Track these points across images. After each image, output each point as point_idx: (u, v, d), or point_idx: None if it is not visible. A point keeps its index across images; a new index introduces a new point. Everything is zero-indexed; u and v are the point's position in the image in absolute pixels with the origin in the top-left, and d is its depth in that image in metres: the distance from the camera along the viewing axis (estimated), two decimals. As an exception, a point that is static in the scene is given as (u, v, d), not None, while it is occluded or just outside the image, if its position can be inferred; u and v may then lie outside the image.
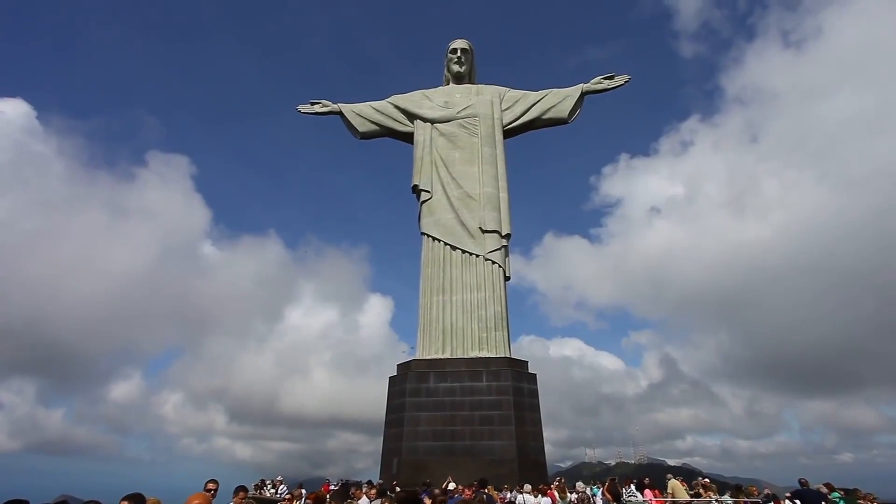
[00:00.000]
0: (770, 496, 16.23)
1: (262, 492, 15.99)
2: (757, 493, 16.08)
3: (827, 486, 13.91)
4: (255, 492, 13.93)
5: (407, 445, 19.28)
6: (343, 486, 7.04)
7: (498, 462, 17.93)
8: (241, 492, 7.68)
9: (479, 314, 21.82)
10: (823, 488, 13.67)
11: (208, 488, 7.45)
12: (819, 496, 12.92)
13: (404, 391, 20.43)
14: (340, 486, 7.67)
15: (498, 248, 22.88)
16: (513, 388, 19.81)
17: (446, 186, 24.12)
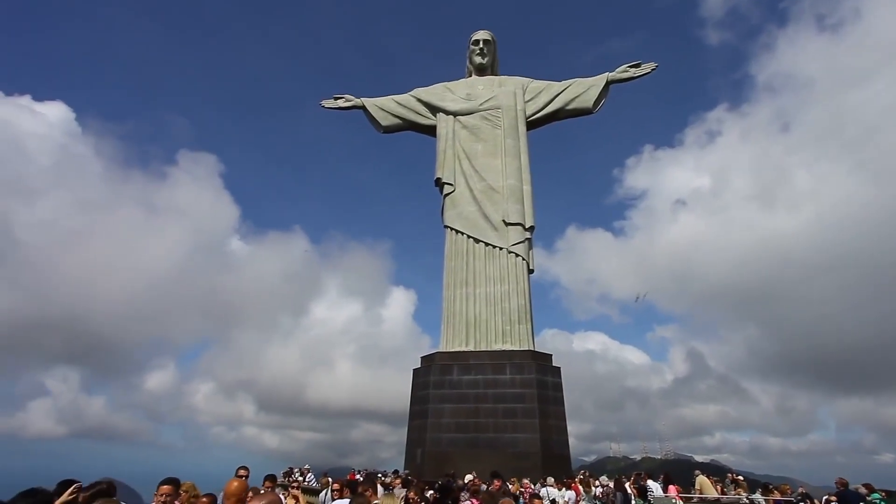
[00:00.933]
0: (804, 495, 15.75)
1: (290, 479, 16.33)
2: (791, 491, 15.62)
3: (867, 487, 13.40)
4: (284, 479, 14.26)
5: (431, 437, 19.40)
6: (368, 475, 7.13)
7: (522, 455, 17.88)
8: (267, 481, 7.81)
9: (503, 307, 21.72)
10: (862, 489, 13.18)
11: (240, 474, 7.66)
12: (858, 497, 12.47)
13: (428, 383, 20.53)
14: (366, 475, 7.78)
15: (521, 241, 22.71)
16: (537, 381, 19.69)
17: (469, 179, 24.01)
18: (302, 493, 7.55)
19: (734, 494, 15.38)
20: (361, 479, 7.59)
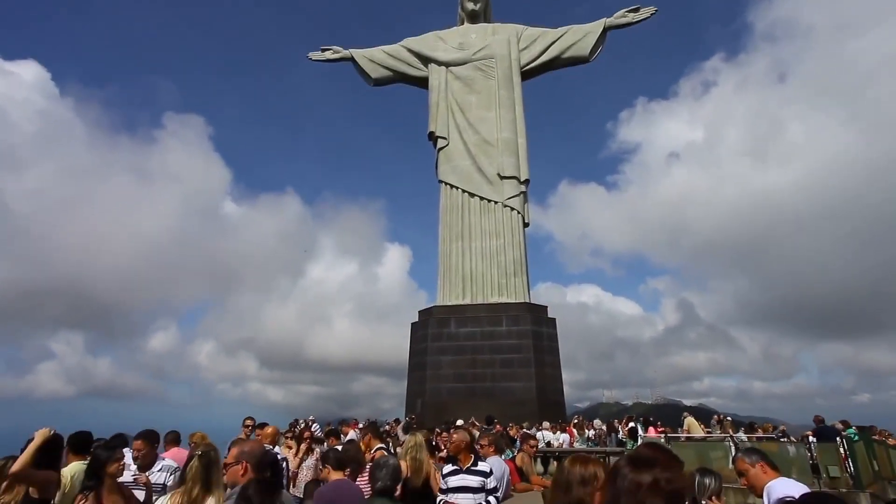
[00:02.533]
0: (784, 433, 16.56)
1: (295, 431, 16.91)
2: (772, 429, 16.42)
3: (843, 424, 14.10)
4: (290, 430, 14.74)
5: (430, 387, 20.01)
6: (371, 422, 7.46)
7: (518, 402, 18.53)
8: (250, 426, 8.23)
9: (499, 260, 21.89)
10: (839, 425, 13.87)
11: (246, 424, 7.95)
12: (834, 432, 13.14)
13: (426, 336, 20.96)
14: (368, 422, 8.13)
15: (516, 195, 22.62)
16: (532, 332, 20.15)
17: (463, 132, 23.62)
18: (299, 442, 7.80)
19: (720, 433, 16.17)
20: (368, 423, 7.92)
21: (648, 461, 1.50)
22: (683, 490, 1.46)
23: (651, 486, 1.41)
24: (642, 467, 1.47)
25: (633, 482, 1.45)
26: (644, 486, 1.42)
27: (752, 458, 3.94)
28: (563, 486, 2.07)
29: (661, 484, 1.41)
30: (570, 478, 2.05)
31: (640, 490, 1.42)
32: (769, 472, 3.73)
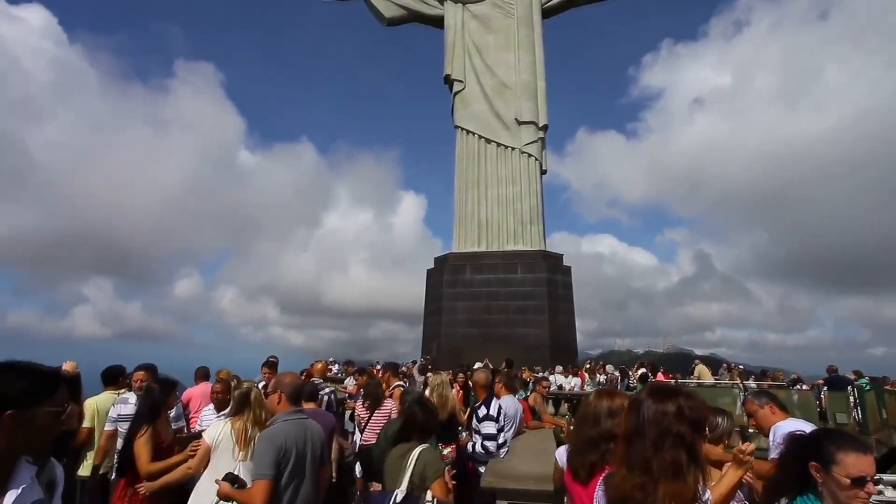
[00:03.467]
0: (795, 380, 16.73)
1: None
2: (783, 377, 16.61)
3: (855, 374, 14.17)
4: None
5: (445, 332, 20.49)
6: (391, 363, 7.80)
7: (531, 348, 18.91)
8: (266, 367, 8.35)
9: (515, 208, 21.71)
10: (852, 375, 13.95)
11: (270, 361, 8.31)
12: (846, 381, 13.24)
13: (442, 283, 21.24)
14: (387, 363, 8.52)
15: (534, 141, 22.07)
16: (547, 280, 20.27)
17: (480, 75, 22.81)
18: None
19: (729, 380, 16.41)
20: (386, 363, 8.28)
21: (671, 391, 1.56)
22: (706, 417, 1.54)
23: (676, 414, 1.46)
24: (666, 397, 1.53)
25: (658, 411, 1.50)
26: (669, 414, 1.47)
27: (762, 399, 4.00)
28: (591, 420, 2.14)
29: (686, 411, 1.46)
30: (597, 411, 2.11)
31: (666, 417, 1.47)
32: (778, 413, 3.79)
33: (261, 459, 2.69)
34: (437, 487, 2.73)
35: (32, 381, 1.39)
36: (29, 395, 1.38)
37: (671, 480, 1.39)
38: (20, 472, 1.41)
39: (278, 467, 2.68)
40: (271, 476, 2.63)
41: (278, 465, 2.68)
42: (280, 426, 2.84)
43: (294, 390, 3.01)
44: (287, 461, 2.75)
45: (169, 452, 4.00)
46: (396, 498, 2.65)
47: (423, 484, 2.72)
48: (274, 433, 2.76)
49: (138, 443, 3.80)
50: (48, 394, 1.40)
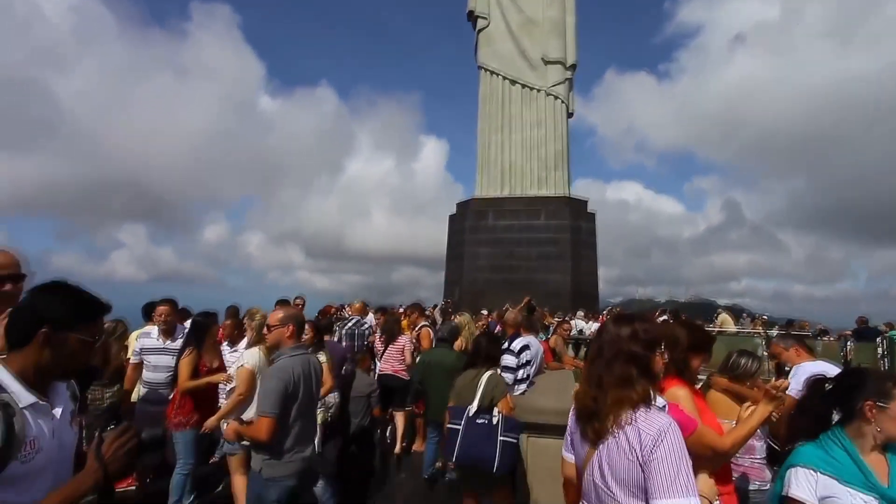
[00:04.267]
0: (822, 331, 16.48)
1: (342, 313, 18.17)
2: (809, 328, 16.36)
3: (887, 325, 13.84)
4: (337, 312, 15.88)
5: (467, 278, 20.65)
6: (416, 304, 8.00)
7: (553, 294, 18.93)
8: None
9: (539, 153, 21.15)
10: (883, 327, 13.65)
11: (296, 303, 8.54)
12: (875, 332, 12.99)
13: (464, 228, 21.19)
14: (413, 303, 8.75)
15: (561, 81, 21.13)
16: (570, 226, 20.01)
17: (505, 11, 21.63)
18: None
19: (752, 330, 16.28)
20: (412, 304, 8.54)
21: (628, 317, 1.75)
22: (659, 337, 1.69)
23: (631, 335, 1.65)
24: (624, 322, 1.71)
25: (615, 333, 1.69)
26: (624, 336, 1.65)
27: (787, 341, 3.94)
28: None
29: (640, 333, 1.65)
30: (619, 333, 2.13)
31: (621, 339, 1.66)
32: (804, 355, 3.74)
33: (267, 397, 2.67)
34: (503, 404, 3.34)
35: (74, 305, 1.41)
36: (66, 318, 1.39)
37: (618, 389, 1.58)
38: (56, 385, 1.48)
39: (285, 405, 2.69)
40: (276, 415, 2.65)
41: (285, 402, 2.69)
42: (288, 361, 2.81)
43: (302, 324, 3.04)
44: (295, 398, 2.77)
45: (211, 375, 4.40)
46: (470, 412, 3.26)
47: (492, 402, 3.30)
48: (283, 369, 2.75)
49: (182, 362, 4.25)
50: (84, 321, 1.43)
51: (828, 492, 1.80)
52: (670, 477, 1.40)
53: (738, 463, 3.17)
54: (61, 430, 1.44)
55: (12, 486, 1.29)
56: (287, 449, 2.73)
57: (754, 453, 3.24)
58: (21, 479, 1.31)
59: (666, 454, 1.43)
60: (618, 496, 1.50)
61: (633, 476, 1.46)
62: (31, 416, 1.35)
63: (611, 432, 1.55)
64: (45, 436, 1.37)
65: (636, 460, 1.46)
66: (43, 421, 1.38)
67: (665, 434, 1.46)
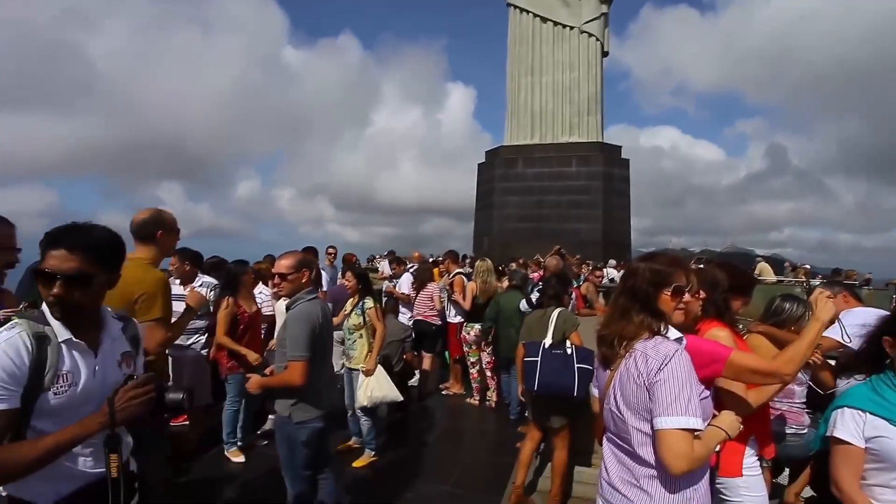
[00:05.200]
0: (869, 280, 15.81)
1: (373, 263, 18.45)
2: (856, 277, 15.68)
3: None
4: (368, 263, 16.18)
5: (496, 227, 20.49)
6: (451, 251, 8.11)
7: (583, 244, 18.62)
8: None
9: (571, 96, 20.23)
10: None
11: (329, 252, 8.69)
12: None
13: (493, 177, 20.82)
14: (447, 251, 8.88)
15: (596, 17, 19.84)
16: (603, 173, 19.39)
17: (536, -59, 20.19)
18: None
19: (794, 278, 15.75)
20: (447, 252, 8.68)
21: (648, 255, 1.81)
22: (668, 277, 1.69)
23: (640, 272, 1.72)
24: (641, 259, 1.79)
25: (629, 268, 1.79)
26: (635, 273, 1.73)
27: (835, 289, 3.76)
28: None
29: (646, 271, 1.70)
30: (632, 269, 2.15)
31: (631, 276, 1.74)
32: (851, 302, 3.58)
33: (298, 340, 2.63)
34: (575, 337, 3.67)
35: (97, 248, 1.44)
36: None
37: (618, 321, 1.67)
38: (109, 324, 1.52)
39: (314, 348, 2.68)
40: (308, 357, 2.63)
41: (314, 345, 2.68)
42: (309, 306, 2.76)
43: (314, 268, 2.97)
44: (322, 340, 2.77)
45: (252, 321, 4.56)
46: (545, 345, 3.55)
47: (564, 336, 3.63)
48: (308, 313, 2.71)
49: (220, 314, 4.36)
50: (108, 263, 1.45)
51: (876, 432, 1.74)
52: (671, 397, 1.45)
53: (776, 406, 3.12)
54: (105, 369, 1.48)
55: (49, 418, 1.35)
56: (315, 391, 2.73)
57: (793, 398, 3.18)
58: (58, 412, 1.36)
59: (668, 376, 1.48)
60: (628, 420, 1.57)
61: (641, 399, 1.53)
62: (67, 350, 1.39)
63: (621, 360, 1.63)
64: (82, 372, 1.42)
65: (643, 384, 1.52)
66: (81, 357, 1.43)
67: (670, 358, 1.50)
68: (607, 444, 1.73)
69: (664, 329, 1.65)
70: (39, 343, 1.34)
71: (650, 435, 1.51)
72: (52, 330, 1.39)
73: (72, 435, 1.32)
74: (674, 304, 1.72)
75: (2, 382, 1.26)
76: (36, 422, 1.33)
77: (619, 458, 1.64)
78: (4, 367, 1.27)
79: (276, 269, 2.78)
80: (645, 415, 1.53)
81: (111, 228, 1.52)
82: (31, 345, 1.33)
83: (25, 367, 1.30)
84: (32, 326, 1.36)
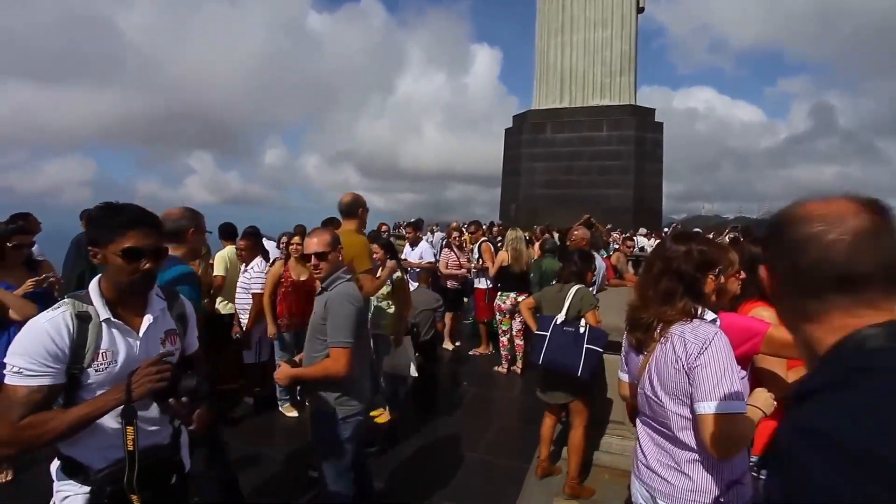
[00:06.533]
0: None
1: (400, 230, 18.54)
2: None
3: None
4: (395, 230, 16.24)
5: (524, 193, 20.21)
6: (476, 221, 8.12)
7: (613, 211, 18.23)
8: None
9: (603, 56, 19.42)
10: None
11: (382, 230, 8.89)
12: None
13: (520, 142, 20.41)
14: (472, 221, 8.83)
15: (631, -30, 18.82)
16: (635, 137, 18.75)
17: None
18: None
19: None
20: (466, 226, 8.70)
21: (686, 235, 1.73)
22: (715, 259, 1.64)
23: (685, 254, 1.62)
24: (680, 239, 1.69)
25: (669, 250, 1.67)
26: (677, 254, 1.63)
27: None
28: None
29: (693, 253, 1.61)
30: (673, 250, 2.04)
31: (674, 257, 1.64)
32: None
33: (341, 325, 2.31)
34: (591, 316, 3.47)
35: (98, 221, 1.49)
36: (95, 236, 1.49)
37: (661, 304, 1.61)
38: (153, 302, 1.60)
39: (358, 332, 2.40)
40: (353, 344, 2.33)
41: (358, 330, 2.39)
42: (349, 286, 2.45)
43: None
44: (364, 323, 2.52)
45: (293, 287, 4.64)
46: (557, 321, 3.43)
47: (578, 313, 3.44)
48: (350, 294, 2.40)
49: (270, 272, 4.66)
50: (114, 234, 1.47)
51: None
52: (713, 381, 1.42)
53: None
54: (148, 346, 1.55)
55: (92, 393, 1.43)
56: (359, 380, 2.47)
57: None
58: (100, 387, 1.44)
59: (709, 360, 1.45)
60: (666, 405, 1.55)
61: (680, 384, 1.50)
62: (107, 329, 1.46)
63: (657, 343, 1.59)
64: (121, 349, 1.48)
65: (682, 368, 1.49)
66: (121, 335, 1.50)
67: (710, 342, 1.47)
68: (642, 427, 1.72)
69: (702, 312, 1.61)
70: (81, 322, 1.42)
71: (691, 419, 1.50)
72: (93, 309, 1.46)
73: (93, 408, 1.39)
74: (715, 286, 1.67)
75: (43, 360, 1.35)
76: (83, 394, 1.42)
77: (657, 442, 1.63)
78: (46, 345, 1.35)
79: (309, 249, 2.42)
80: (685, 399, 1.51)
81: None
82: (72, 324, 1.40)
83: (66, 345, 1.38)
84: (77, 306, 1.44)
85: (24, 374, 1.33)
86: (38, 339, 1.35)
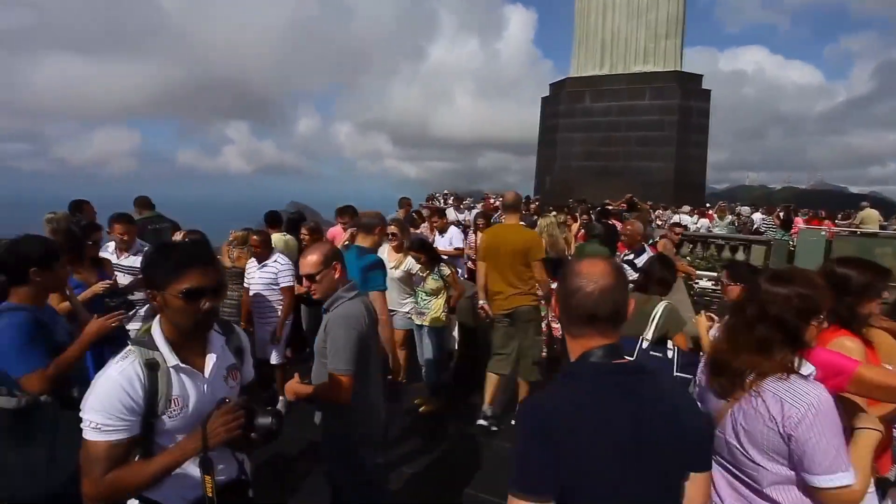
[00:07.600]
0: None
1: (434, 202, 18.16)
2: None
3: None
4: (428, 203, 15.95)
5: (559, 165, 19.59)
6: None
7: (652, 184, 17.50)
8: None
9: (648, 18, 18.21)
10: None
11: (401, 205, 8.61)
12: None
13: (557, 112, 19.65)
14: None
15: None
16: (679, 107, 17.75)
17: None
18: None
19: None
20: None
21: (786, 277, 1.57)
22: (820, 306, 1.49)
23: (784, 299, 1.48)
24: (779, 281, 1.53)
25: (767, 292, 1.52)
26: (777, 298, 1.49)
27: None
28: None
29: (795, 299, 1.47)
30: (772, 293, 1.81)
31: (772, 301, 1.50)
32: None
33: (340, 351, 2.17)
34: (680, 339, 3.11)
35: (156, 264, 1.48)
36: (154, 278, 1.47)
37: (755, 353, 1.50)
38: (213, 340, 1.61)
39: (362, 357, 2.25)
40: (353, 372, 2.19)
41: (360, 355, 2.24)
42: (352, 306, 2.28)
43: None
44: (369, 346, 2.33)
45: None
46: (643, 345, 3.02)
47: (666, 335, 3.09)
48: (352, 316, 2.23)
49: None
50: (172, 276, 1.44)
51: None
52: (831, 453, 1.36)
53: None
54: (214, 386, 1.55)
55: (168, 438, 1.47)
56: (366, 401, 2.34)
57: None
58: (175, 432, 1.47)
59: (823, 430, 1.37)
60: (755, 459, 1.49)
61: (775, 445, 1.43)
62: (175, 375, 1.47)
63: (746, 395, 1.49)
64: (191, 394, 1.49)
65: (776, 430, 1.41)
66: (189, 379, 1.50)
67: (815, 410, 1.38)
68: (720, 472, 1.63)
69: (799, 364, 1.49)
70: (150, 371, 1.42)
71: (789, 479, 1.46)
72: (160, 355, 1.46)
73: (172, 459, 1.42)
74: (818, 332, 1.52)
75: (119, 414, 1.36)
76: (158, 440, 1.46)
77: (738, 489, 1.58)
78: (121, 399, 1.36)
79: (302, 271, 2.30)
80: (780, 459, 1.45)
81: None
82: (143, 374, 1.41)
83: (140, 396, 1.39)
84: (144, 353, 1.44)
85: (103, 429, 1.35)
86: (112, 393, 1.37)
